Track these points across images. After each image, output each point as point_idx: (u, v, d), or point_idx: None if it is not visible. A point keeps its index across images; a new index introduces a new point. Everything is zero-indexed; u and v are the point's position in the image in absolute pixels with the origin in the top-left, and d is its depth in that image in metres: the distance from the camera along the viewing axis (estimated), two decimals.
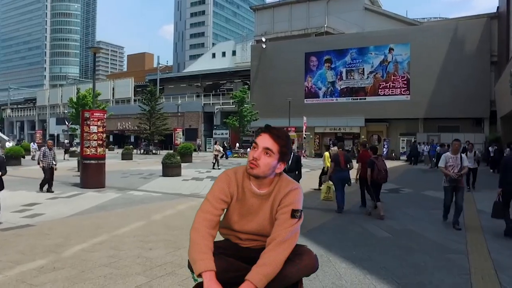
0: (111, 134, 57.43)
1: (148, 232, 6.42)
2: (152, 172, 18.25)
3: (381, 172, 8.12)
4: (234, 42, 68.87)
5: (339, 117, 37.26)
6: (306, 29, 42.02)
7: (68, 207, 8.84)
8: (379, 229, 7.11)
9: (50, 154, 11.51)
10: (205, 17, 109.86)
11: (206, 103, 50.72)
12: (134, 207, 9.06)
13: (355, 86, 37.64)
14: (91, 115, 12.49)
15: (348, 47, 37.61)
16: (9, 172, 18.15)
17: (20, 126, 74.92)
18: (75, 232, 6.35)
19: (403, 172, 20.83)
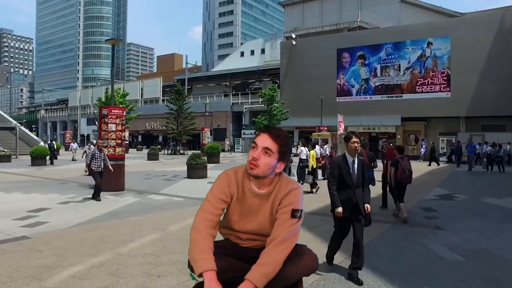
0: (140, 134, 57.59)
1: (160, 250, 5.26)
2: (177, 173, 17.28)
3: (404, 172, 7.73)
4: (263, 40, 67.67)
5: (374, 116, 35.45)
6: (338, 24, 40.36)
7: (77, 214, 7.83)
8: (446, 248, 5.69)
9: (101, 156, 10.10)
10: (234, 17, 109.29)
11: (235, 103, 49.81)
12: (150, 214, 7.97)
13: (390, 83, 35.70)
14: (109, 112, 11.52)
15: (383, 42, 35.72)
16: (31, 172, 17.85)
17: (52, 127, 76.42)
18: (74, 249, 5.27)
19: (449, 174, 18.98)
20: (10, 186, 12.50)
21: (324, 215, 8.23)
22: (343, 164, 4.37)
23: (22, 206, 8.68)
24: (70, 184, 13.30)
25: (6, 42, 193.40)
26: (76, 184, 13.23)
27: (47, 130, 75.71)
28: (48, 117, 77.45)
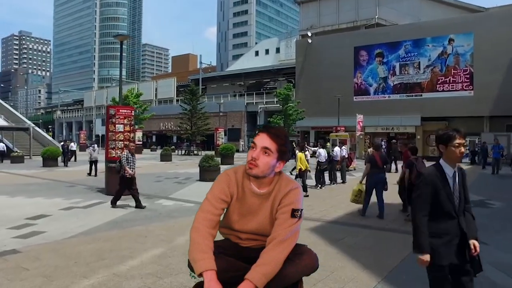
0: (154, 134, 57.43)
1: (163, 269, 4.56)
2: (189, 175, 16.66)
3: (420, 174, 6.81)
4: (277, 39, 66.88)
5: (392, 115, 34.33)
6: (355, 21, 39.38)
7: (78, 223, 7.20)
8: (493, 268, 4.83)
9: (133, 161, 9.06)
10: (248, 17, 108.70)
11: (249, 103, 49.16)
12: (157, 223, 7.30)
13: (410, 82, 34.54)
14: (117, 112, 10.90)
15: (402, 39, 34.59)
16: (40, 174, 17.43)
17: (68, 127, 76.94)
18: (65, 267, 4.61)
19: (476, 178, 17.89)
20: (16, 189, 12.03)
21: (347, 224, 7.46)
22: (440, 182, 2.81)
23: (22, 212, 8.11)
24: (78, 187, 12.77)
25: (25, 44, 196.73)
26: (85, 187, 12.70)
27: (62, 130, 76.26)
28: (64, 118, 77.99)
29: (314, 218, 7.94)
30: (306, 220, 7.74)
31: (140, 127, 42.72)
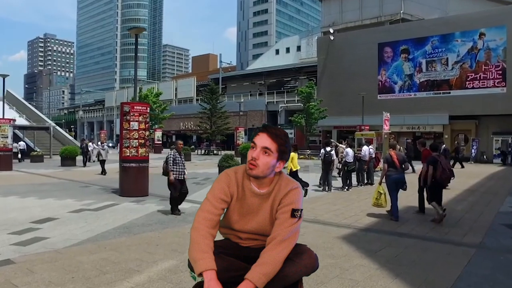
0: (174, 134, 57.38)
1: (172, 287, 3.87)
2: (209, 175, 16.03)
3: (445, 171, 7.21)
4: (298, 37, 65.84)
5: (418, 114, 32.94)
6: (379, 17, 38.15)
7: (86, 227, 6.59)
8: None
9: (182, 161, 8.21)
10: (268, 16, 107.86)
11: (270, 102, 48.44)
12: (170, 228, 6.64)
13: (437, 79, 33.11)
14: (132, 109, 10.29)
15: (429, 35, 33.15)
16: (57, 174, 17.06)
17: (90, 127, 77.79)
18: (59, 283, 3.95)
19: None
20: (29, 189, 11.61)
21: (382, 232, 6.63)
22: None
23: (29, 215, 7.58)
24: (92, 187, 12.28)
25: (50, 46, 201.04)
26: (99, 187, 12.19)
27: (84, 130, 77.16)
28: (86, 118, 78.93)
29: (344, 224, 7.13)
30: (335, 226, 6.96)
31: (159, 127, 42.49)
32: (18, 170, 18.76)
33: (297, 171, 10.84)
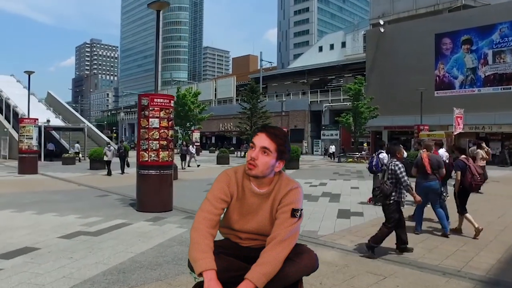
0: (213, 135, 56.01)
1: None
2: None
3: (475, 176, 6.13)
4: (343, 32, 62.47)
5: (483, 112, 29.14)
6: (436, 4, 34.62)
7: (63, 270, 4.35)
8: None
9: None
10: (309, 14, 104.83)
11: (313, 101, 45.72)
12: (187, 273, 4.32)
13: (506, 72, 29.33)
14: (151, 102, 8.10)
15: (496, 22, 29.49)
16: (80, 179, 15.13)
17: (130, 128, 78.12)
18: None
19: None
20: (37, 199, 9.80)
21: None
22: None
23: (5, 241, 5.55)
24: (110, 197, 10.30)
25: (96, 51, 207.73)
26: (118, 197, 10.17)
27: (124, 132, 77.64)
28: (127, 119, 79.32)
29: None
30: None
31: (198, 128, 40.86)
32: (44, 173, 17.33)
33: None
